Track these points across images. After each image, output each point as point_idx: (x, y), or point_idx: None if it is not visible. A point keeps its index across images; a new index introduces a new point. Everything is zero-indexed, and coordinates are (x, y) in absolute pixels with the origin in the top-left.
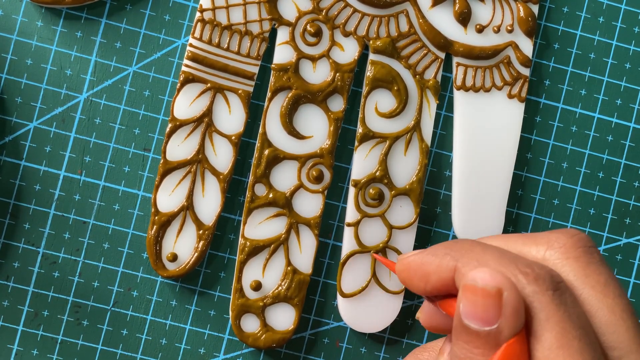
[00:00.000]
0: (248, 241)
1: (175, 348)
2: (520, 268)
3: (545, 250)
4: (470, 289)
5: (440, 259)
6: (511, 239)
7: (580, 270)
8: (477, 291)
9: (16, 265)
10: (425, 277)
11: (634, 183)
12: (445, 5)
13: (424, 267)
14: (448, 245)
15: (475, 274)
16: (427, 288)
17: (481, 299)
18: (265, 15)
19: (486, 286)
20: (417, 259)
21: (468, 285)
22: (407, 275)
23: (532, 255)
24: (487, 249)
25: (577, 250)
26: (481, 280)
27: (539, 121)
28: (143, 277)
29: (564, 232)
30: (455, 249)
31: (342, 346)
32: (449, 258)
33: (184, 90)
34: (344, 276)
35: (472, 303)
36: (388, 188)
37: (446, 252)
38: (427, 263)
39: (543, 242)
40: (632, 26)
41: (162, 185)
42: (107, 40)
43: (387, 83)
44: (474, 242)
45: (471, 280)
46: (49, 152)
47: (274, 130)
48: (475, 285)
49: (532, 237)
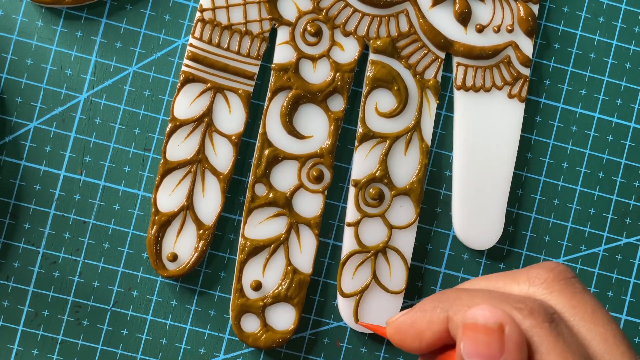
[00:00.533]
0: (248, 241)
1: (176, 348)
2: (513, 304)
3: (528, 287)
4: (472, 327)
5: (430, 313)
6: (492, 280)
7: (567, 302)
8: (478, 328)
9: (16, 265)
10: (418, 335)
11: (634, 183)
12: (445, 5)
13: (416, 326)
14: (435, 298)
15: (475, 312)
16: (422, 345)
17: (483, 335)
18: (265, 15)
19: (487, 322)
20: (406, 319)
21: (469, 324)
22: (400, 337)
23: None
24: (474, 292)
25: (560, 282)
26: (482, 317)
27: (539, 121)
28: (143, 277)
29: (542, 267)
30: (443, 300)
31: (342, 346)
32: (438, 310)
33: (184, 90)
34: (344, 276)
35: (474, 341)
36: (388, 188)
37: (435, 306)
38: (418, 320)
39: (524, 280)
40: (632, 26)
41: (162, 185)
42: (107, 40)
43: (387, 83)
44: (459, 289)
45: (471, 319)
46: (49, 152)
47: (274, 130)
48: (476, 322)
49: (512, 276)
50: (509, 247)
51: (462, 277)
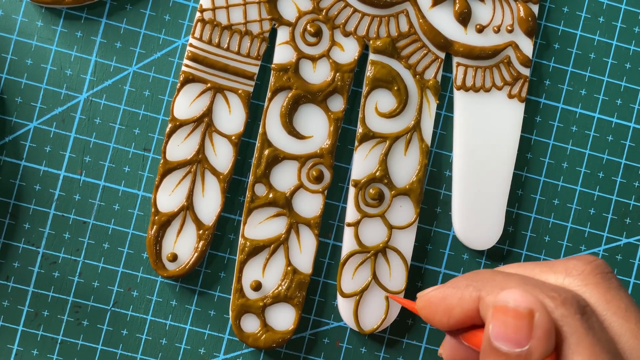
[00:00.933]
0: (248, 241)
1: (176, 348)
2: (546, 292)
3: (564, 277)
4: (502, 310)
5: (462, 290)
6: (528, 267)
7: (601, 296)
8: (508, 312)
9: (16, 265)
10: (448, 311)
11: (634, 183)
12: (445, 5)
13: (446, 301)
14: (469, 276)
15: (506, 295)
16: (451, 322)
17: (512, 319)
18: (265, 15)
19: (518, 307)
20: (437, 293)
21: (499, 306)
22: (430, 312)
23: (550, 282)
24: (509, 276)
25: (596, 276)
26: (513, 301)
27: (539, 121)
28: (143, 277)
29: (581, 259)
30: (477, 280)
31: (342, 346)
32: (471, 289)
33: (184, 90)
34: (344, 276)
35: (503, 324)
36: (388, 188)
37: (468, 284)
38: (449, 296)
39: (561, 270)
40: (632, 26)
41: (162, 185)
42: (107, 40)
43: (387, 83)
44: (495, 271)
45: (502, 301)
46: (49, 152)
47: (274, 130)
48: (506, 305)
49: (549, 265)
50: (509, 247)
51: None
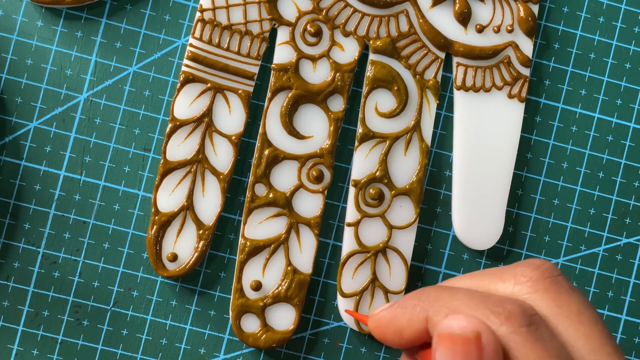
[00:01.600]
0: (248, 241)
1: (176, 348)
2: (491, 308)
3: (513, 285)
4: (448, 337)
5: (410, 311)
6: (477, 277)
7: (552, 301)
8: (455, 338)
9: (16, 265)
10: (398, 331)
11: (634, 183)
12: (445, 5)
13: (396, 322)
14: (416, 295)
15: (450, 322)
16: (403, 342)
17: (460, 345)
18: (265, 15)
19: (464, 332)
20: (387, 314)
21: (444, 334)
22: (381, 332)
23: (500, 292)
24: (455, 293)
25: (545, 281)
26: (458, 328)
27: (539, 121)
28: (143, 277)
29: (528, 265)
30: (423, 299)
31: (342, 346)
32: (418, 309)
33: (184, 90)
34: (344, 276)
35: (451, 351)
36: (388, 188)
37: (415, 304)
38: (398, 317)
39: (509, 278)
40: (632, 26)
41: (162, 185)
42: (107, 40)
43: (387, 83)
44: (441, 288)
45: (447, 329)
46: (49, 152)
47: (274, 130)
48: (451, 332)
49: (498, 274)
50: (509, 247)
51: None
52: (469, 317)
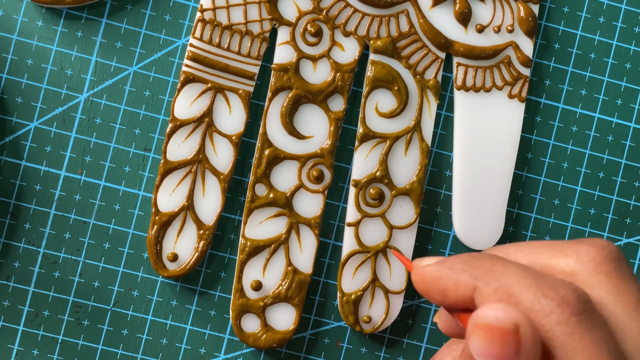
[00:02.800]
0: (248, 241)
1: (176, 348)
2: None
3: (575, 263)
4: (484, 327)
5: (457, 274)
6: (537, 249)
7: (612, 287)
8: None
9: (17, 265)
10: (442, 291)
11: (634, 183)
12: (445, 5)
13: (441, 282)
14: (467, 260)
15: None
16: (445, 302)
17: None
18: (265, 15)
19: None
20: (433, 271)
21: (481, 324)
22: (424, 287)
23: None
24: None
25: (608, 265)
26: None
27: (539, 121)
28: (143, 277)
29: (593, 244)
30: (475, 266)
31: (343, 346)
32: (467, 275)
33: (185, 90)
34: (344, 276)
35: (487, 342)
36: (388, 188)
37: (464, 269)
38: (445, 277)
39: (572, 254)
40: (632, 26)
41: (162, 185)
42: (107, 40)
43: (388, 83)
44: (494, 258)
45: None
46: (50, 152)
47: (274, 130)
48: (489, 323)
49: (560, 248)
50: None
51: None
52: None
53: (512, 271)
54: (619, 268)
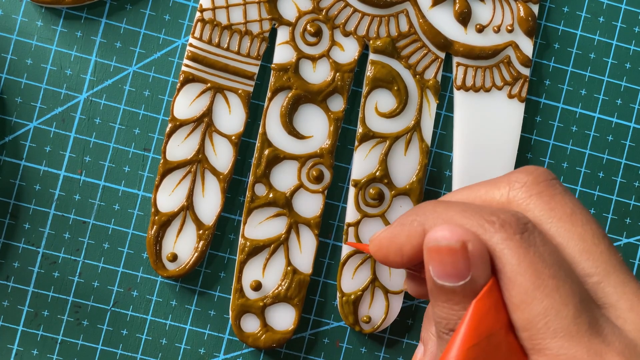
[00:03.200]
0: (248, 241)
1: (176, 348)
2: (486, 217)
3: (508, 191)
4: (435, 250)
5: (408, 227)
6: (474, 188)
7: (545, 204)
8: (442, 250)
9: (16, 265)
10: (399, 250)
11: (634, 183)
12: (445, 5)
13: (396, 241)
14: (413, 211)
15: (435, 234)
16: (404, 260)
17: (448, 256)
18: (265, 15)
19: (449, 243)
20: (387, 234)
21: (432, 247)
22: (382, 253)
23: (496, 199)
24: (450, 205)
25: (539, 185)
26: (443, 239)
27: (539, 121)
28: (143, 277)
29: (523, 171)
30: (420, 213)
31: (342, 346)
32: (416, 224)
33: (184, 90)
34: (344, 276)
35: (440, 263)
36: (388, 188)
37: (412, 219)
38: (397, 235)
39: (504, 185)
40: (632, 26)
41: (162, 185)
42: (107, 40)
43: (387, 83)
44: (437, 201)
45: (433, 241)
46: (49, 152)
47: (274, 130)
48: (438, 245)
49: (494, 182)
50: None
51: None
52: (452, 227)
53: (454, 208)
54: (550, 186)
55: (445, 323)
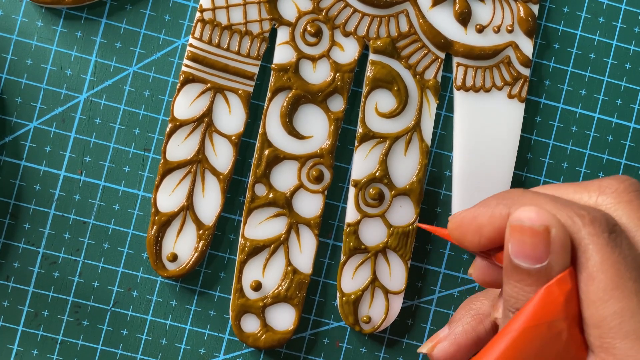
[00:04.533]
0: (248, 241)
1: (176, 348)
2: (576, 210)
3: (598, 196)
4: (518, 229)
5: (492, 209)
6: (562, 187)
7: (633, 213)
8: (524, 230)
9: (16, 265)
10: (479, 230)
11: None
12: (445, 5)
13: (477, 220)
14: (499, 195)
15: (520, 214)
16: (482, 241)
17: (529, 237)
18: (265, 15)
19: (533, 225)
20: (468, 213)
21: (515, 225)
22: (461, 232)
23: (584, 201)
24: (540, 195)
25: (630, 194)
26: (528, 220)
27: (539, 121)
28: (143, 277)
29: (614, 178)
30: (507, 197)
31: (342, 346)
32: (501, 207)
33: (184, 90)
34: (344, 276)
35: (520, 242)
36: (388, 188)
37: (498, 202)
38: (480, 215)
39: (594, 189)
40: (632, 26)
41: (162, 185)
42: (107, 40)
43: (387, 83)
44: (525, 190)
45: (517, 220)
46: (49, 152)
47: (274, 130)
48: (522, 224)
49: (584, 185)
50: None
51: (462, 277)
52: (540, 210)
53: (544, 197)
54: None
55: (514, 302)
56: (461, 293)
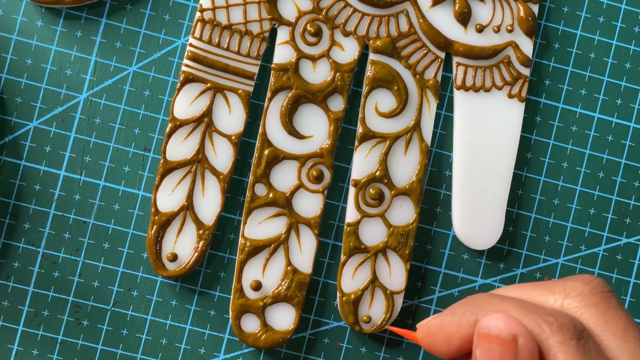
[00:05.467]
0: (248, 241)
1: (176, 348)
2: (543, 317)
3: (563, 299)
4: (485, 337)
5: (459, 317)
6: (527, 288)
7: (600, 317)
8: (492, 339)
9: (16, 265)
10: (447, 338)
11: (634, 183)
12: (445, 5)
13: (445, 329)
14: (465, 302)
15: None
16: (451, 349)
17: (497, 346)
18: (265, 15)
19: (501, 334)
20: (436, 322)
21: (482, 334)
22: (429, 341)
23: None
24: (506, 300)
25: (595, 296)
26: (495, 328)
27: (539, 121)
28: (143, 277)
29: (579, 280)
30: (473, 304)
31: (342, 346)
32: (468, 314)
33: (184, 90)
34: (344, 276)
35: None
36: (388, 188)
37: (465, 309)
38: (447, 324)
39: (559, 291)
40: (632, 26)
41: (162, 185)
42: (107, 40)
43: (387, 83)
44: (491, 295)
45: (485, 328)
46: (49, 152)
47: (274, 130)
48: (489, 333)
49: (548, 286)
50: (509, 247)
51: (462, 277)
52: (508, 318)
53: (509, 302)
54: (605, 299)
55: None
56: (461, 293)
